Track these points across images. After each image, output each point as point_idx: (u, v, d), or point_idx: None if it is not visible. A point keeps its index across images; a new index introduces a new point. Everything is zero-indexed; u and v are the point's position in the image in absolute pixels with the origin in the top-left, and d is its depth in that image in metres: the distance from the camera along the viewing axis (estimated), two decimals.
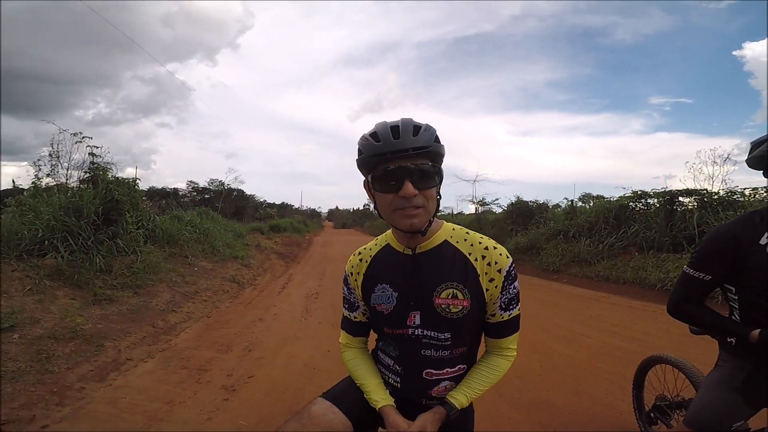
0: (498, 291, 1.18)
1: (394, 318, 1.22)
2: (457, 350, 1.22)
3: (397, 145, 1.06)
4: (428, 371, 1.23)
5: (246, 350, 4.31)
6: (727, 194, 9.42)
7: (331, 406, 1.21)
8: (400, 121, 1.11)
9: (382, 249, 1.29)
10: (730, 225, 1.47)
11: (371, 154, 1.09)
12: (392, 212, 1.12)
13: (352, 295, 1.35)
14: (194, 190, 30.39)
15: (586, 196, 16.57)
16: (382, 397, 1.24)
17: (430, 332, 1.19)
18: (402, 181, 1.07)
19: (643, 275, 7.87)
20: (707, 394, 1.57)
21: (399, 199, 1.08)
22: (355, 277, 1.31)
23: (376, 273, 1.27)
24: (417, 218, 1.10)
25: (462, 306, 1.16)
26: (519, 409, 2.96)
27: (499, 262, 1.18)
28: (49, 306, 4.43)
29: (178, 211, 10.83)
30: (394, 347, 1.28)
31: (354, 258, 1.35)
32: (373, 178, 1.11)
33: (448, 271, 1.18)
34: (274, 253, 14.28)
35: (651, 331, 4.89)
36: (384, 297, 1.23)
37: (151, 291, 5.91)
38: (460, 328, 1.19)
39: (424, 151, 1.07)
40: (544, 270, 10.57)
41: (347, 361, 1.37)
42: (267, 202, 36.39)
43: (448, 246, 1.21)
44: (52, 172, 7.26)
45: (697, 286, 1.52)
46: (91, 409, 2.95)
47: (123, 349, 4.10)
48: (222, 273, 8.42)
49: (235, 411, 2.95)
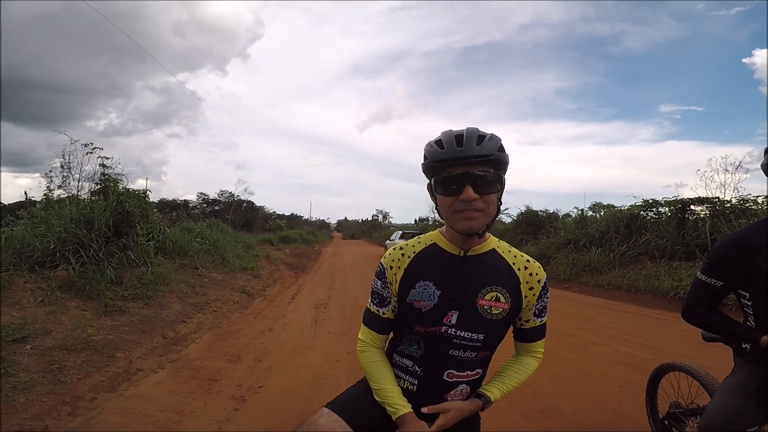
0: (535, 299, 1.27)
1: (432, 316, 1.23)
2: (482, 353, 1.26)
3: (460, 152, 1.11)
4: (450, 372, 1.25)
5: (256, 360, 4.32)
6: (740, 202, 9.32)
7: (338, 420, 1.19)
8: (465, 130, 1.16)
9: (428, 247, 1.30)
10: (741, 232, 1.48)
11: (435, 160, 1.15)
12: (452, 214, 1.16)
13: (386, 290, 1.31)
14: (204, 201, 30.73)
15: (597, 205, 16.49)
16: (403, 404, 1.23)
17: (464, 332, 1.22)
18: (463, 186, 1.11)
19: (656, 283, 7.79)
20: (722, 400, 1.55)
21: (459, 203, 1.12)
22: (395, 270, 1.29)
23: (418, 269, 1.27)
24: (475, 221, 1.14)
25: (503, 309, 1.22)
26: (529, 417, 2.92)
27: (539, 274, 1.27)
28: (60, 317, 4.47)
29: (188, 222, 10.93)
30: (419, 346, 1.28)
31: (395, 252, 1.33)
32: (436, 182, 1.17)
33: (495, 275, 1.24)
34: (283, 263, 14.33)
35: (664, 339, 4.82)
36: (425, 294, 1.23)
37: (161, 302, 5.96)
38: (494, 330, 1.24)
39: (487, 159, 1.12)
40: (555, 279, 10.49)
41: (368, 362, 1.33)
42: (276, 213, 36.71)
43: (495, 254, 1.27)
44: (63, 184, 7.29)
45: (709, 291, 1.53)
46: (102, 419, 2.97)
47: (134, 360, 4.13)
48: (232, 284, 8.46)
49: (245, 421, 2.95)
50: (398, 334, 1.36)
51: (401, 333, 1.34)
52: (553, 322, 5.75)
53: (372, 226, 48.25)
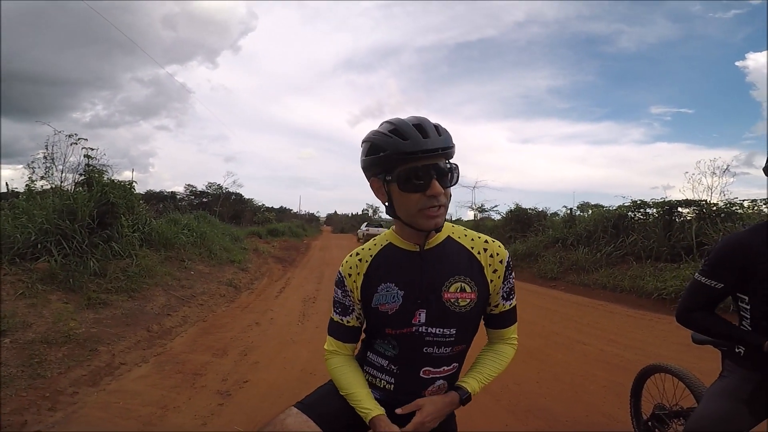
0: (500, 281, 1.23)
1: (399, 317, 1.20)
2: (457, 347, 1.24)
3: (428, 144, 1.06)
4: (426, 369, 1.23)
5: (242, 354, 4.27)
6: (726, 205, 9.46)
7: (306, 420, 1.15)
8: (418, 119, 1.11)
9: (384, 248, 1.27)
10: (743, 234, 1.48)
11: (399, 152, 1.07)
12: (416, 212, 1.11)
13: (347, 298, 1.29)
14: (192, 193, 30.43)
15: (585, 204, 16.68)
16: (374, 407, 1.20)
17: (435, 329, 1.19)
18: (430, 181, 1.07)
19: (641, 284, 7.88)
20: (711, 403, 1.55)
21: (425, 199, 1.08)
22: (354, 278, 1.26)
23: (379, 272, 1.24)
24: (440, 217, 1.12)
25: (470, 299, 1.19)
26: (517, 416, 2.93)
27: (500, 254, 1.23)
28: (41, 310, 4.38)
29: (175, 214, 10.78)
30: (393, 346, 1.25)
31: (352, 258, 1.30)
32: (397, 177, 1.10)
33: (455, 265, 1.20)
34: (271, 257, 14.25)
35: (648, 340, 4.88)
36: (389, 296, 1.21)
37: (146, 295, 5.87)
38: (466, 321, 1.21)
39: (448, 150, 1.09)
40: (542, 277, 10.58)
41: (334, 369, 1.30)
42: (265, 206, 36.46)
43: (451, 242, 1.23)
44: (46, 175, 7.18)
45: (707, 293, 1.51)
46: (83, 414, 2.91)
47: (117, 354, 4.06)
48: (219, 277, 8.38)
49: (230, 416, 2.92)
50: (370, 336, 1.34)
51: (373, 337, 1.32)
52: (541, 320, 5.85)
53: (362, 221, 48.03)
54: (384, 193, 1.16)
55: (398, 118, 1.14)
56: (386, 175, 1.12)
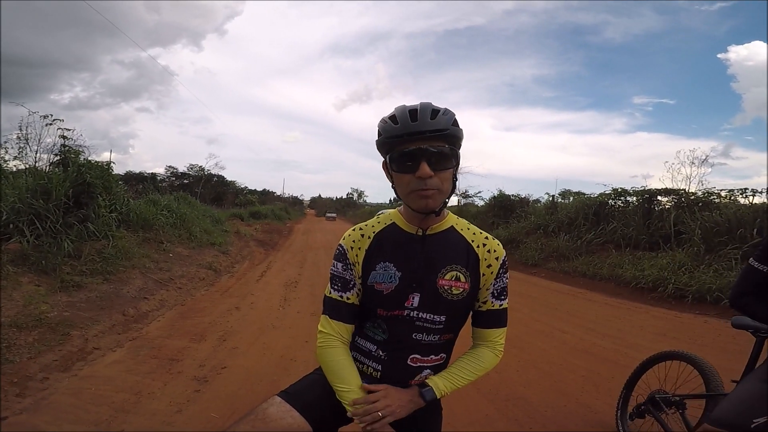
0: (492, 278, 1.23)
1: (393, 298, 1.20)
2: (445, 336, 1.24)
3: (414, 127, 1.09)
4: (414, 357, 1.22)
5: (220, 340, 4.21)
6: (704, 195, 9.64)
7: (290, 410, 1.13)
8: (419, 104, 1.13)
9: (387, 227, 1.26)
10: None
11: (389, 136, 1.13)
12: (408, 192, 1.14)
13: (348, 272, 1.24)
14: (173, 174, 29.86)
15: (567, 192, 16.85)
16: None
17: (426, 314, 1.20)
18: (418, 163, 1.09)
19: (619, 272, 8.02)
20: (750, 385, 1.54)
21: (416, 180, 1.10)
22: (356, 252, 1.24)
23: (379, 250, 1.23)
24: (432, 199, 1.12)
25: (463, 288, 1.20)
26: (496, 405, 2.95)
27: (498, 251, 1.24)
28: (11, 293, 4.23)
29: (154, 195, 10.54)
30: (383, 330, 1.24)
31: (354, 232, 1.27)
32: (391, 159, 1.15)
33: (453, 254, 1.22)
34: (253, 240, 14.11)
35: (625, 329, 4.96)
36: (386, 276, 1.20)
37: (122, 277, 5.73)
38: (456, 310, 1.22)
39: (441, 133, 1.10)
40: (523, 264, 10.69)
41: (333, 361, 1.23)
42: (248, 188, 36.05)
43: (454, 232, 1.25)
44: (20, 155, 7.01)
45: (760, 279, 1.54)
46: (53, 401, 2.83)
47: (90, 338, 3.95)
48: (198, 260, 8.25)
49: (207, 403, 2.86)
50: (361, 319, 1.30)
51: (363, 318, 1.29)
52: (522, 308, 5.90)
53: (347, 204, 47.95)
54: (389, 174, 1.20)
55: (404, 104, 1.17)
56: (387, 156, 1.18)
